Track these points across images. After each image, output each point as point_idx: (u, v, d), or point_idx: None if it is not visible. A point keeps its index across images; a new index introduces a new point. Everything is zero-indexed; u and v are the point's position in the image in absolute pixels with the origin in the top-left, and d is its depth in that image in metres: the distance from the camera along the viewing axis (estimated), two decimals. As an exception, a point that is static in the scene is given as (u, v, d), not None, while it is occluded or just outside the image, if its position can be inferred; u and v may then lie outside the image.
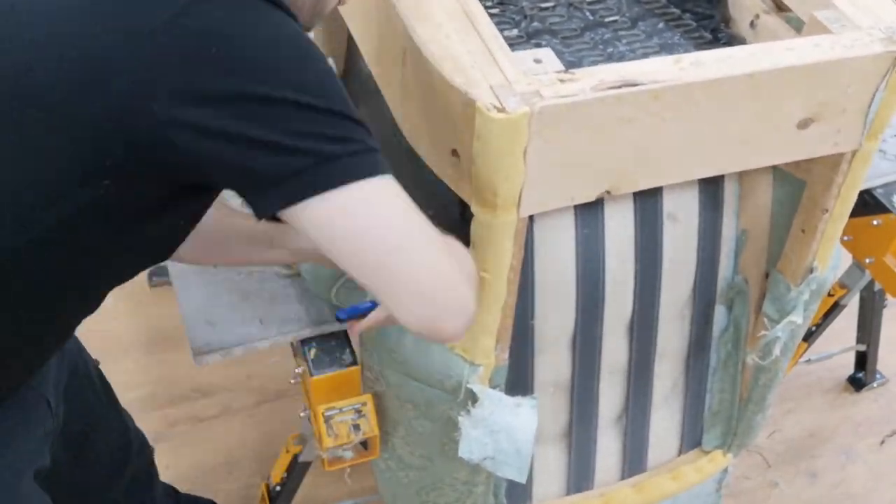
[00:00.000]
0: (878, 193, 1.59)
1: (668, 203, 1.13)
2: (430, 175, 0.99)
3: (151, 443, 2.04)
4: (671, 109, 0.88)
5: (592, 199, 0.93)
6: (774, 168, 1.12)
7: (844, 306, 1.88)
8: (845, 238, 1.56)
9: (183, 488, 1.95)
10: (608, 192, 0.93)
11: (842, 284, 1.84)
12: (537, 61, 0.87)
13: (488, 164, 0.85)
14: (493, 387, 1.09)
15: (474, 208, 0.90)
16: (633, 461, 1.38)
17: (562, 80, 0.84)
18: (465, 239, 0.96)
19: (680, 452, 1.42)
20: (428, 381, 1.09)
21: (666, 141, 0.91)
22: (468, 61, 0.87)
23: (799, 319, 1.21)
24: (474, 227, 0.93)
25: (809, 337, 1.91)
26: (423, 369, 1.09)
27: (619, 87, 0.84)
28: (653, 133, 0.89)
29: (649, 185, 0.95)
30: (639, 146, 0.90)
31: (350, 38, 1.37)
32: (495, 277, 0.95)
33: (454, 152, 0.89)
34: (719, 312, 1.30)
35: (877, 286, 1.94)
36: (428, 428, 1.17)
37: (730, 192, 1.19)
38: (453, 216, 1.08)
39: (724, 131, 0.94)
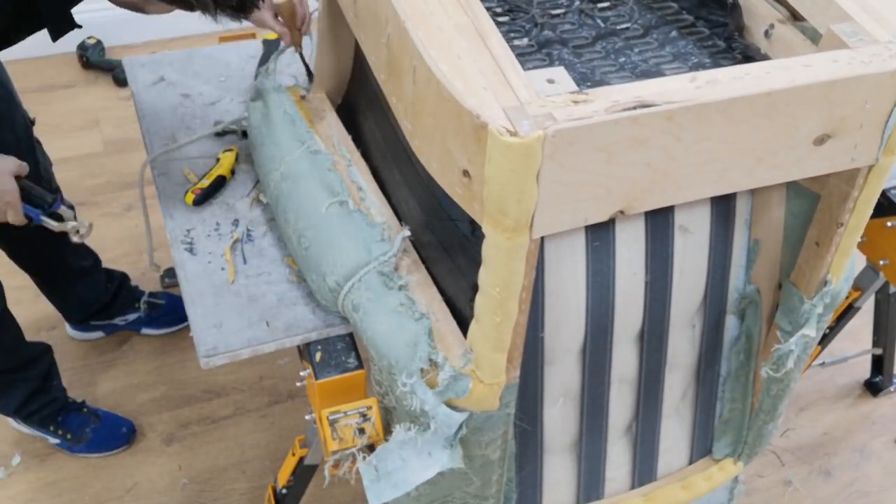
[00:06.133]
0: (893, 195, 1.58)
1: (680, 216, 1.12)
2: (439, 191, 0.99)
3: (165, 444, 2.07)
4: (686, 130, 0.87)
5: (605, 219, 0.92)
6: (789, 181, 1.11)
7: (859, 308, 1.87)
8: (859, 239, 1.55)
9: (196, 489, 1.98)
10: (621, 212, 0.92)
11: (856, 286, 1.82)
12: (550, 81, 0.86)
13: (500, 187, 0.84)
14: (504, 403, 1.08)
15: (485, 229, 0.89)
16: (644, 470, 1.38)
17: (575, 102, 0.83)
18: (477, 258, 0.95)
19: (690, 461, 1.42)
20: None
21: (680, 161, 0.90)
22: (480, 82, 0.85)
23: (812, 332, 1.20)
24: (485, 247, 0.92)
25: (823, 339, 1.90)
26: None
27: (634, 108, 0.83)
28: (667, 153, 0.88)
29: (663, 204, 0.94)
30: (653, 167, 0.89)
31: (358, 48, 1.36)
32: (507, 297, 0.95)
33: (465, 173, 0.88)
34: (731, 322, 1.30)
35: (892, 288, 1.92)
36: (439, 442, 1.17)
37: (742, 203, 1.18)
38: (463, 233, 1.08)
39: (739, 149, 0.92)
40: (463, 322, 1.11)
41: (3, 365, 1.81)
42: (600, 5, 1.25)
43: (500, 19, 1.20)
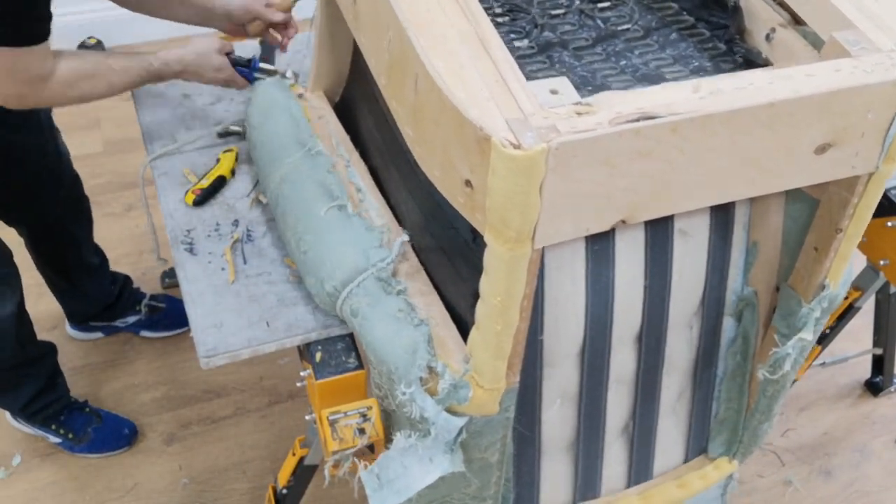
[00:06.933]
0: (893, 195, 1.58)
1: (680, 221, 1.13)
2: (438, 194, 0.98)
3: (165, 444, 2.07)
4: (690, 141, 0.86)
5: (607, 228, 0.92)
6: (789, 188, 1.11)
7: (859, 309, 1.87)
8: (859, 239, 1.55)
9: (196, 489, 1.98)
10: (623, 222, 0.92)
11: (856, 287, 1.82)
12: (553, 92, 0.86)
13: (503, 199, 0.83)
14: (504, 408, 1.08)
15: (488, 239, 0.89)
16: (640, 469, 1.38)
17: (578, 113, 0.82)
18: (478, 264, 0.95)
19: (686, 460, 1.42)
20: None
21: (683, 171, 0.90)
22: (482, 92, 0.85)
23: (809, 336, 1.20)
24: (488, 258, 0.92)
25: (823, 339, 1.90)
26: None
27: (637, 120, 0.82)
28: (670, 164, 0.88)
29: (664, 213, 0.94)
30: (655, 178, 0.88)
31: (356, 47, 1.36)
32: (508, 305, 0.95)
33: (467, 183, 0.88)
34: (728, 324, 1.30)
35: (892, 288, 1.92)
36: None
37: (741, 208, 1.18)
38: (464, 239, 1.08)
39: (741, 160, 0.92)
40: (463, 326, 1.11)
41: (16, 359, 1.83)
42: (600, 5, 1.25)
43: (500, 20, 1.20)
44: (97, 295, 2.12)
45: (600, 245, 1.09)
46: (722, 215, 1.17)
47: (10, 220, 1.85)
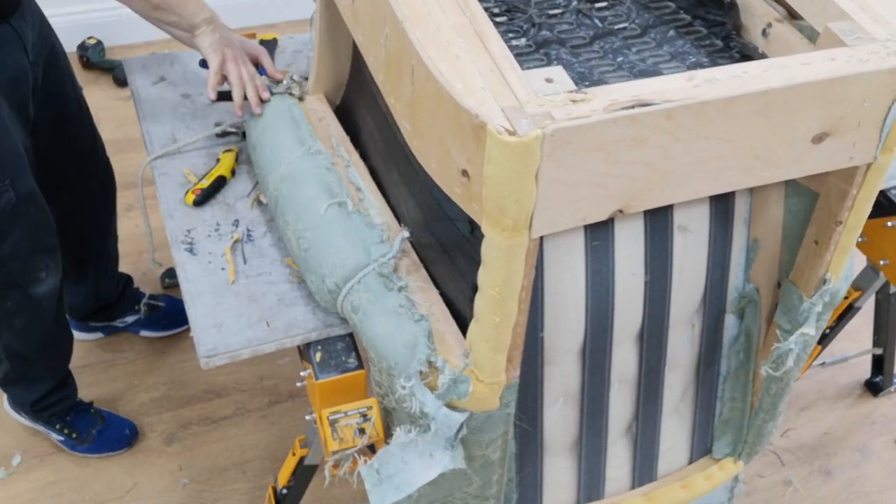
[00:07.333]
0: (893, 195, 1.58)
1: (679, 215, 1.13)
2: (438, 191, 0.99)
3: (165, 444, 2.07)
4: (685, 128, 0.87)
5: (604, 218, 0.92)
6: (787, 180, 1.11)
7: (859, 308, 1.87)
8: (859, 239, 1.55)
9: (196, 489, 1.98)
10: (620, 212, 0.92)
11: (856, 287, 1.82)
12: (549, 80, 0.86)
13: (499, 187, 0.84)
14: (504, 403, 1.08)
15: (485, 229, 0.90)
16: (644, 470, 1.38)
17: (574, 101, 0.83)
18: (476, 258, 0.96)
19: (690, 461, 1.42)
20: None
21: (679, 159, 0.90)
22: (478, 82, 0.85)
23: (811, 331, 1.20)
24: (485, 248, 0.92)
25: (823, 339, 1.90)
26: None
27: (632, 107, 0.83)
28: (666, 152, 0.88)
29: (661, 203, 0.94)
30: (651, 166, 0.89)
31: (356, 48, 1.36)
32: (506, 296, 0.95)
33: (464, 173, 0.89)
34: (730, 321, 1.30)
35: (892, 288, 1.92)
36: (439, 442, 1.17)
37: (741, 202, 1.18)
38: (462, 233, 1.08)
39: (737, 148, 0.93)
40: (463, 323, 1.11)
41: (49, 338, 1.84)
42: (598, 5, 1.25)
43: (498, 19, 1.21)
44: (103, 288, 2.13)
45: (600, 240, 1.09)
46: (722, 210, 1.18)
47: (47, 192, 1.80)
